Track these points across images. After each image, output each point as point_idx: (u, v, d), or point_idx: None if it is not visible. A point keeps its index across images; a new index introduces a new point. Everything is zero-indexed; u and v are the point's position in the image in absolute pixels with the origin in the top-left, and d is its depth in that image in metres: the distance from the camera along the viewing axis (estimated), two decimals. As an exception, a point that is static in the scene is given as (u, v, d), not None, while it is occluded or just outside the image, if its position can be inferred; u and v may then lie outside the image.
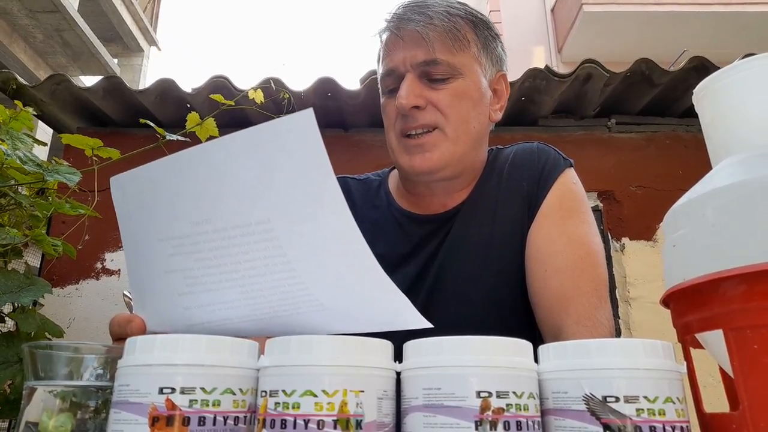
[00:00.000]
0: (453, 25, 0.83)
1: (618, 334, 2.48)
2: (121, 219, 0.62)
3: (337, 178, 0.50)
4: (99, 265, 2.60)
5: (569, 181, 0.90)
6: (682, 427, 0.41)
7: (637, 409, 0.41)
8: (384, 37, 0.88)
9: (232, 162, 0.53)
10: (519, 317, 0.87)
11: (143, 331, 0.61)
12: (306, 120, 0.48)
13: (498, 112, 0.91)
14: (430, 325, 0.53)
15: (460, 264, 0.88)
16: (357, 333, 0.57)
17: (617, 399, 0.41)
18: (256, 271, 0.54)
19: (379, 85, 0.93)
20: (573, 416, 0.42)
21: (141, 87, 2.68)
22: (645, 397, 0.41)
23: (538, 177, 0.90)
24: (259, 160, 0.52)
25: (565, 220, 0.86)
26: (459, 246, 0.89)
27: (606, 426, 0.41)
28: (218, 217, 0.54)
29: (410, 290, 0.87)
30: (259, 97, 1.94)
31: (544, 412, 0.45)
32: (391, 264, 0.84)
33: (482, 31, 0.88)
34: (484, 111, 0.88)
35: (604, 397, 0.41)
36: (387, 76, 0.87)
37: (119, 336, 0.61)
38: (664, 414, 0.41)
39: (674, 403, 0.42)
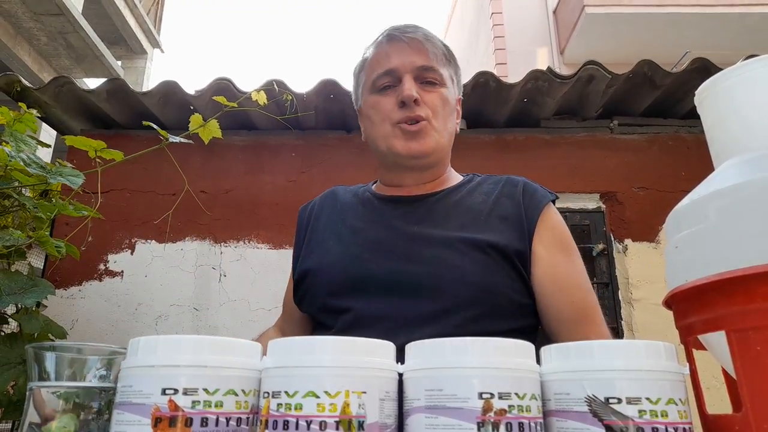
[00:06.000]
0: (441, 44, 1.03)
1: (620, 335, 2.47)
2: None
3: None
4: (102, 267, 2.60)
5: (557, 213, 0.99)
6: (684, 429, 0.41)
7: (640, 411, 0.41)
8: (383, 43, 1.02)
9: None
10: (498, 292, 0.88)
11: None
12: None
13: (457, 127, 1.06)
14: None
15: (435, 232, 0.93)
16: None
17: (619, 400, 0.41)
18: None
19: (361, 88, 1.05)
20: (575, 417, 0.42)
21: (144, 89, 2.68)
22: (647, 399, 0.41)
23: (522, 188, 0.99)
24: None
25: (569, 257, 0.94)
26: (435, 217, 0.96)
27: (608, 427, 0.41)
28: None
29: (381, 252, 0.92)
30: (261, 98, 1.94)
31: (546, 414, 0.45)
32: (356, 229, 0.98)
33: (454, 59, 1.06)
34: (455, 120, 1.05)
35: (607, 399, 0.41)
36: (385, 75, 1.00)
37: None
38: (666, 415, 0.41)
39: (677, 404, 0.42)
